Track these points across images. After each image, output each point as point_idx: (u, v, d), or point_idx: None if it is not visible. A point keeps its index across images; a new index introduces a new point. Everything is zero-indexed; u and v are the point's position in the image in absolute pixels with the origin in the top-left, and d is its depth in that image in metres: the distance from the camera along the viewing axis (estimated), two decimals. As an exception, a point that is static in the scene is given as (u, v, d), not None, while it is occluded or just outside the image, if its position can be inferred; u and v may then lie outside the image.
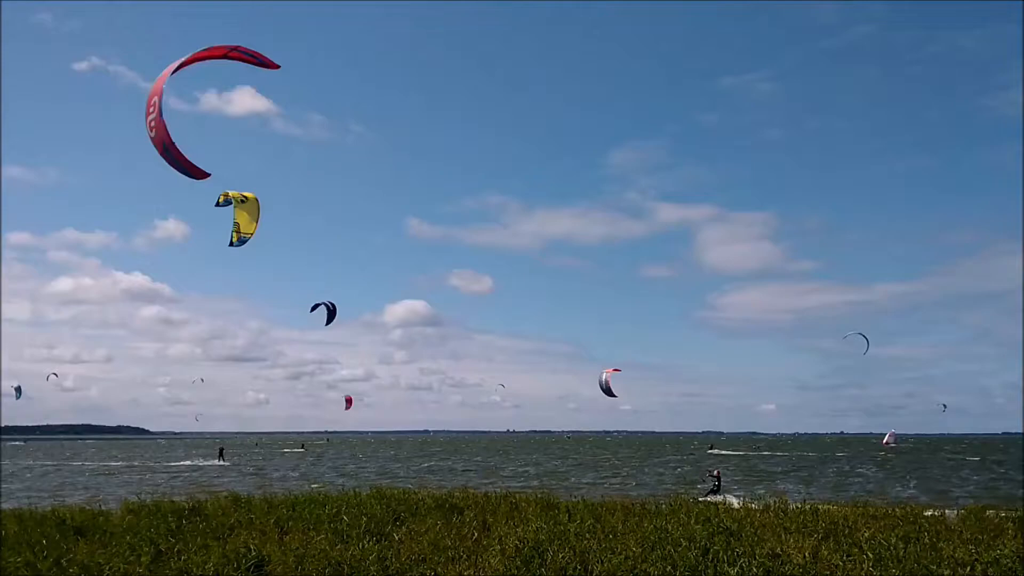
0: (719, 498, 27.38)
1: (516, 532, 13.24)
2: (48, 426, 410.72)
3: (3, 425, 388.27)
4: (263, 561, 11.60)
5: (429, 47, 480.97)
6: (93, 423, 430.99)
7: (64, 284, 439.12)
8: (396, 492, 19.33)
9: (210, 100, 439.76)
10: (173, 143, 15.34)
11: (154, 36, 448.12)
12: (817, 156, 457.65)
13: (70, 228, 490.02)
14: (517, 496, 18.83)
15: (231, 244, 22.76)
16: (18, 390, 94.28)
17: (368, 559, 11.70)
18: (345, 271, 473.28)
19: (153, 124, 15.36)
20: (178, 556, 12.14)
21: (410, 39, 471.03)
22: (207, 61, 16.72)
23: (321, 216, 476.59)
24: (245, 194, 23.02)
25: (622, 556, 11.41)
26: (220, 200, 22.96)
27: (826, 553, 11.65)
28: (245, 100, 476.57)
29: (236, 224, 22.76)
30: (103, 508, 17.39)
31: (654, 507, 16.85)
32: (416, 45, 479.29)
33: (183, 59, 16.29)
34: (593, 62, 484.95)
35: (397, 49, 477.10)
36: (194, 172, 15.79)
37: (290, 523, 14.91)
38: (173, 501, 18.09)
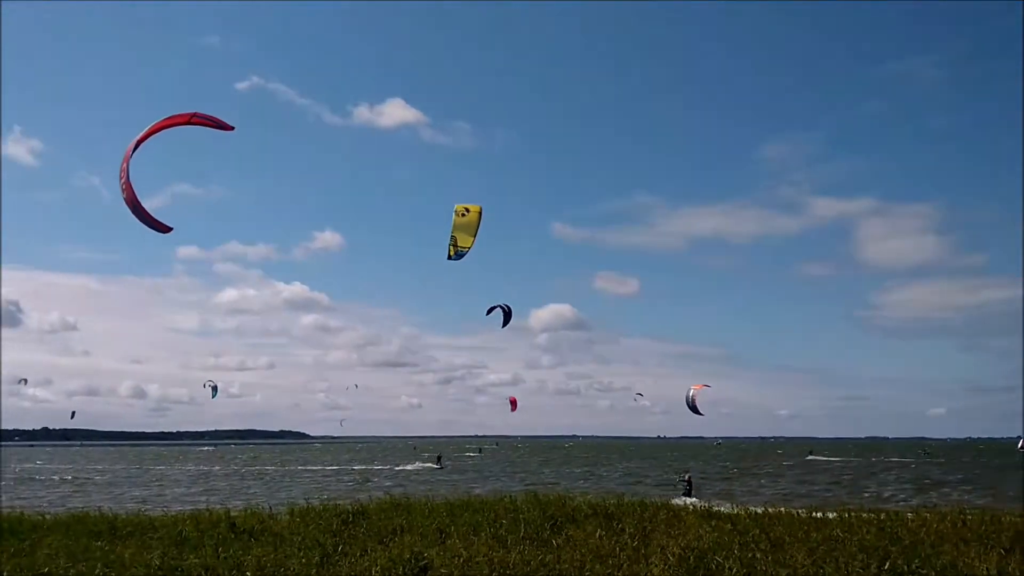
0: (691, 500, 27.77)
1: (678, 541, 12.95)
2: (217, 431, 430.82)
3: (179, 430, 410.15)
4: (427, 565, 11.70)
5: (570, 49, 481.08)
6: (257, 428, 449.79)
7: (229, 295, 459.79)
8: (552, 498, 19.26)
9: (362, 113, 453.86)
10: (139, 203, 17.70)
11: (312, 55, 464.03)
12: (987, 144, 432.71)
13: (234, 241, 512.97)
14: (676, 504, 18.48)
15: (448, 258, 22.70)
16: (215, 389, 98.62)
17: (530, 565, 11.65)
18: (491, 277, 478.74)
19: (123, 186, 17.50)
20: (344, 558, 12.39)
21: (552, 43, 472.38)
22: (167, 129, 18.75)
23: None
24: (469, 207, 22.90)
25: (792, 568, 10.99)
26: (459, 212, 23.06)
27: (1013, 568, 10.92)
28: (396, 112, 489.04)
29: (453, 238, 22.69)
30: (272, 512, 17.94)
31: (822, 516, 16.23)
32: (558, 49, 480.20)
33: (147, 130, 18.47)
34: (740, 51, 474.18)
35: (540, 54, 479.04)
36: (159, 227, 18.08)
37: (451, 527, 15.04)
38: (337, 504, 18.52)
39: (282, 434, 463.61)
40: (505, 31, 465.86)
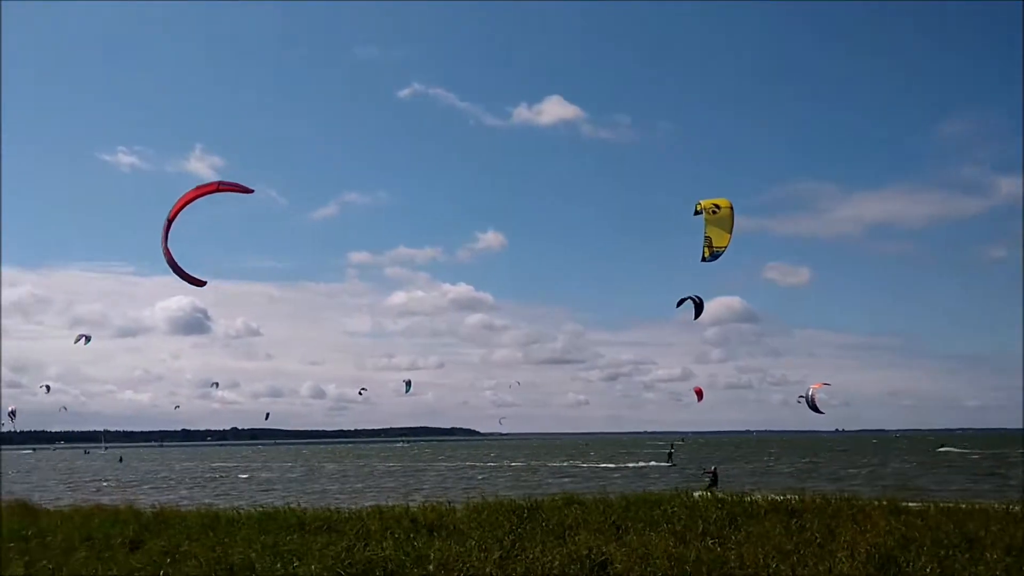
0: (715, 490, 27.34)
1: (865, 537, 12.50)
2: (391, 428, 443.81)
3: (357, 428, 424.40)
4: (606, 561, 11.69)
5: (730, 34, 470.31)
6: (429, 425, 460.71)
7: (399, 298, 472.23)
8: (730, 494, 18.90)
9: (521, 113, 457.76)
10: (177, 265, 21.35)
11: (469, 59, 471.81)
12: None
13: (402, 246, 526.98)
14: (861, 500, 17.80)
15: (703, 259, 21.24)
16: (408, 384, 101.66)
17: (710, 561, 11.48)
18: (654, 271, 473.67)
19: (164, 252, 21.33)
20: (522, 554, 12.51)
21: (709, 29, 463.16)
22: (198, 198, 22.18)
23: (630, 217, 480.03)
24: (717, 202, 21.55)
25: (990, 566, 10.43)
26: (697, 209, 21.72)
27: None
28: (554, 109, 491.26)
29: (707, 238, 21.23)
30: (451, 505, 18.30)
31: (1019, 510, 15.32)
32: (716, 35, 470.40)
33: (179, 202, 21.79)
34: (913, 23, 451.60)
35: (697, 42, 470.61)
36: (194, 281, 21.78)
37: (627, 523, 14.97)
38: (513, 500, 18.72)
39: (453, 431, 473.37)
40: (659, 21, 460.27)
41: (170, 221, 21.54)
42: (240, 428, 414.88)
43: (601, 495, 19.32)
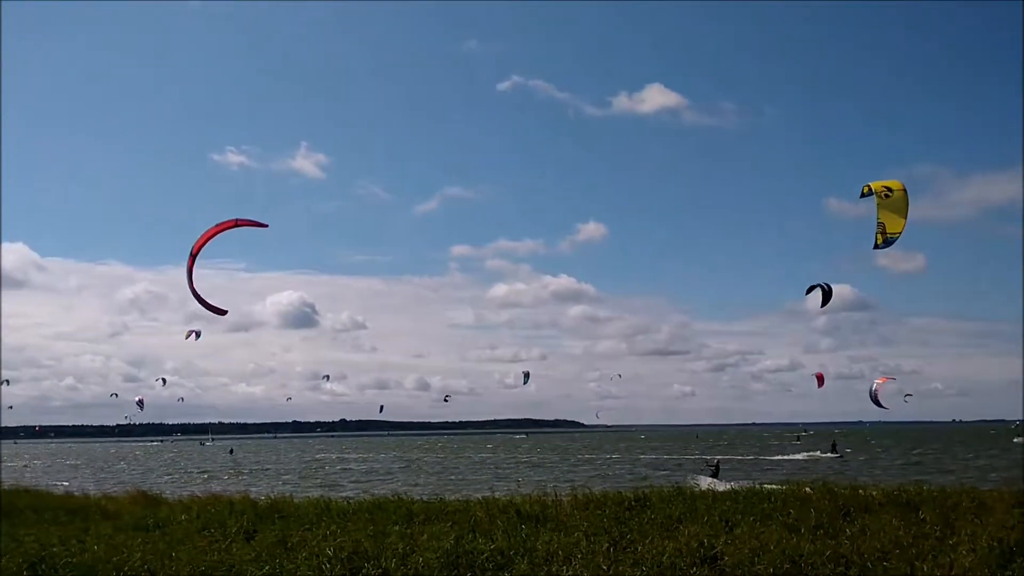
0: (716, 482, 29.77)
1: (986, 531, 12.03)
2: (496, 420, 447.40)
3: (462, 420, 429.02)
4: (716, 554, 11.52)
5: (836, 14, 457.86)
6: (533, 417, 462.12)
7: (500, 290, 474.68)
8: (841, 487, 18.43)
9: (622, 102, 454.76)
10: (202, 298, 23.96)
11: (569, 49, 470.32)
12: None
13: (502, 238, 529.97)
14: (981, 492, 17.15)
15: (876, 246, 20.28)
16: (526, 375, 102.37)
17: (824, 554, 11.21)
18: (760, 258, 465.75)
19: (190, 286, 23.85)
20: (631, 546, 12.42)
21: (815, 11, 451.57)
22: (219, 234, 24.09)
23: (734, 206, 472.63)
24: (889, 184, 20.27)
25: None
26: (864, 191, 20.56)
27: None
28: (655, 97, 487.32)
29: (880, 224, 20.10)
30: (557, 498, 18.28)
31: None
32: (822, 16, 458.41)
33: (201, 238, 23.82)
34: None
35: (802, 24, 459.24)
36: (215, 310, 24.50)
37: (737, 516, 14.73)
38: (619, 492, 18.60)
39: (557, 423, 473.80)
40: (762, 3, 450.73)
41: (194, 256, 24.03)
42: (348, 420, 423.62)
43: (710, 489, 19.08)
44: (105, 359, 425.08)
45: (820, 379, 72.20)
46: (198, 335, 77.42)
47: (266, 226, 24.98)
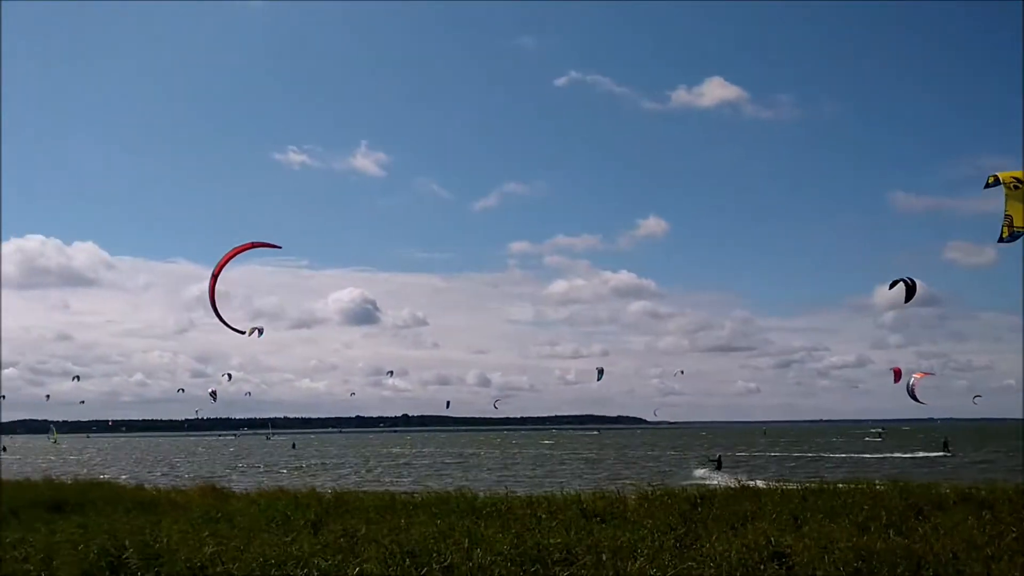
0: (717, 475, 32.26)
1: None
2: (557, 416, 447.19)
3: (523, 416, 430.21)
4: (785, 552, 11.34)
5: (899, 3, 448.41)
6: (595, 413, 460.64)
7: (559, 286, 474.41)
8: (914, 484, 18.09)
9: (681, 96, 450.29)
10: (224, 319, 26.86)
11: (626, 43, 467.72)
12: None
13: (560, 235, 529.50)
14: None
15: (1000, 239, 18.84)
16: (600, 371, 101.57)
17: (896, 553, 10.97)
18: (824, 253, 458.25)
19: (210, 300, 26.51)
20: (696, 543, 12.30)
21: (873, 3, 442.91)
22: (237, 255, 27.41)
23: (797, 199, 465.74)
24: (1018, 175, 18.79)
25: None
26: (990, 181, 19.17)
27: None
28: (715, 91, 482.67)
29: (1008, 216, 18.64)
30: (620, 495, 18.21)
31: None
32: (884, 5, 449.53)
33: (221, 260, 26.78)
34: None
35: (863, 12, 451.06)
36: (236, 330, 27.81)
37: (805, 513, 14.52)
38: (684, 489, 18.49)
39: (619, 419, 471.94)
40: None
41: (215, 276, 26.50)
42: (411, 415, 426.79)
43: (777, 485, 18.86)
44: (172, 355, 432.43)
45: (897, 374, 69.79)
46: (260, 332, 78.62)
47: (279, 247, 29.22)
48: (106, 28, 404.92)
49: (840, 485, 18.87)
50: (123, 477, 49.72)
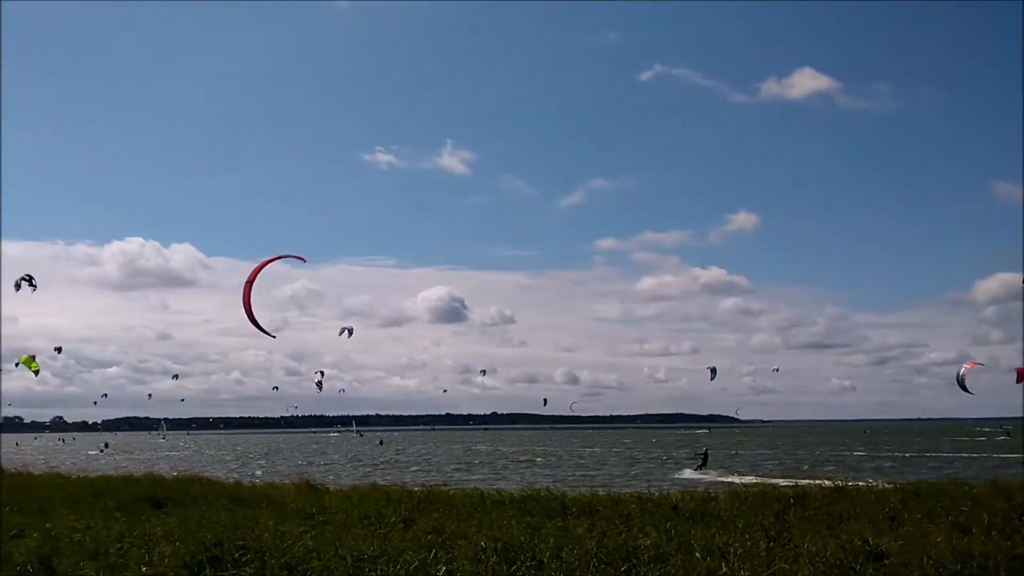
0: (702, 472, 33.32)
1: None
2: (647, 415, 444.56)
3: (612, 414, 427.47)
4: (882, 553, 11.09)
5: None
6: (685, 412, 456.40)
7: (647, 283, 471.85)
8: (1016, 483, 17.49)
9: (771, 88, 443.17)
10: (257, 322, 28.94)
11: (713, 36, 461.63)
12: None
13: (649, 231, 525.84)
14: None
15: None
16: (713, 371, 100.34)
17: (997, 556, 10.65)
18: (920, 248, 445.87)
19: (245, 306, 28.65)
20: (790, 543, 12.11)
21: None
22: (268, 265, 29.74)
23: (892, 192, 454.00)
24: None
25: None
26: None
27: None
28: (806, 82, 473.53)
29: None
30: (712, 494, 18.04)
31: None
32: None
33: (255, 270, 28.98)
34: None
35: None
36: (268, 333, 30.21)
37: (903, 513, 14.18)
38: (777, 488, 18.21)
39: (710, 418, 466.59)
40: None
41: (250, 283, 28.33)
42: (500, 413, 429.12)
43: (872, 484, 18.44)
44: (267, 354, 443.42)
45: (1021, 374, 67.04)
46: (350, 332, 79.93)
47: (304, 260, 33.28)
48: (199, 30, 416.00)
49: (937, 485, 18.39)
50: (221, 473, 51.04)
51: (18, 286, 44.89)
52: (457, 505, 18.27)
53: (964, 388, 56.18)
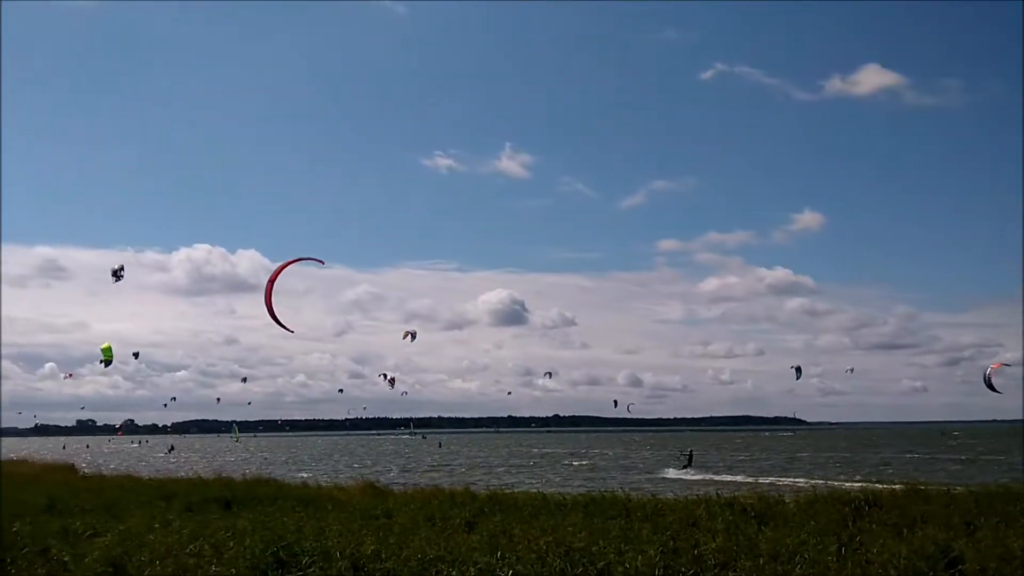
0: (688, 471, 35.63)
1: None
2: (711, 417, 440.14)
3: (675, 417, 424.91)
4: (957, 558, 10.80)
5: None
6: (751, 414, 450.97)
7: (711, 284, 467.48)
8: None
9: (835, 85, 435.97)
10: (278, 319, 30.92)
11: (775, 33, 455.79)
12: None
13: (712, 231, 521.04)
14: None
15: None
16: (798, 370, 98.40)
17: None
18: (995, 246, 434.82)
19: (267, 304, 30.45)
20: (861, 547, 11.86)
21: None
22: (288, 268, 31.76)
23: (963, 189, 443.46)
24: None
25: None
26: None
27: None
28: (872, 78, 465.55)
29: None
30: (779, 496, 17.78)
31: None
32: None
33: (275, 271, 31.25)
34: None
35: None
36: (287, 328, 32.03)
37: (979, 518, 13.81)
38: (847, 491, 17.88)
39: (776, 420, 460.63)
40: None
41: (271, 282, 30.44)
42: (562, 415, 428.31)
43: (946, 488, 18.00)
44: (332, 357, 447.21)
45: None
46: (413, 336, 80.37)
47: (323, 263, 34.76)
48: (258, 35, 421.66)
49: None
50: (287, 474, 51.66)
51: (118, 276, 46.15)
52: (520, 508, 18.24)
53: (991, 387, 55.36)
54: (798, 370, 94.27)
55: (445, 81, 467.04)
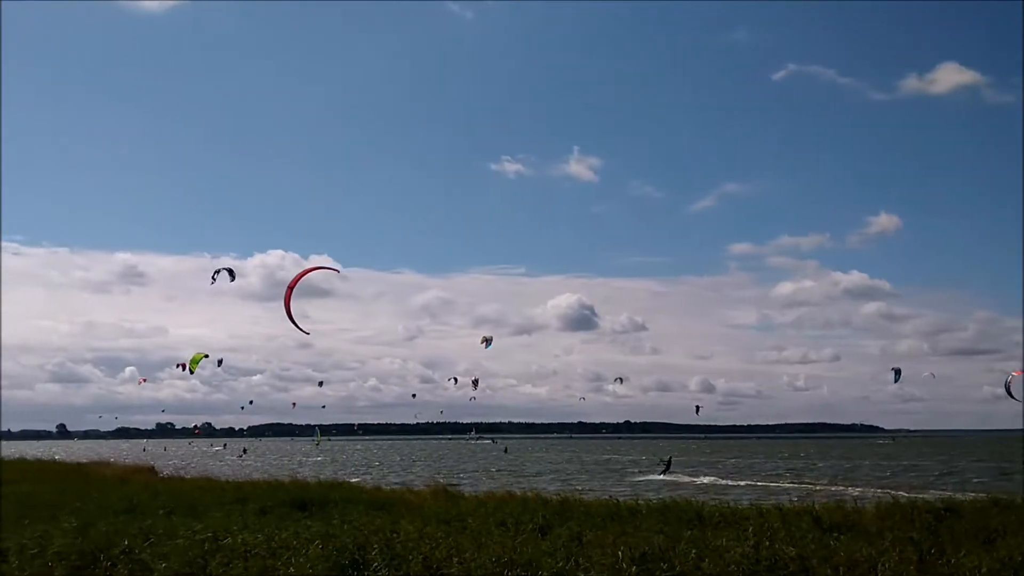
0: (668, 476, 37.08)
1: None
2: (786, 424, 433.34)
3: (750, 424, 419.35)
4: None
5: None
6: (827, 421, 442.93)
7: (785, 288, 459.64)
8: None
9: (911, 84, 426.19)
10: (295, 322, 33.18)
11: (849, 32, 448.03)
12: None
13: (785, 234, 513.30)
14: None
15: None
16: (897, 372, 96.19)
17: None
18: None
19: (286, 307, 32.95)
20: (942, 558, 11.60)
21: None
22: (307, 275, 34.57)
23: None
24: None
25: None
26: None
27: None
28: (950, 76, 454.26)
29: None
30: (858, 506, 17.47)
31: None
32: None
33: (294, 278, 33.68)
34: None
35: None
36: (302, 330, 34.82)
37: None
38: (928, 501, 17.51)
39: (852, 427, 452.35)
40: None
41: (291, 288, 32.73)
42: (632, 421, 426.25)
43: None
44: (402, 362, 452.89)
45: None
46: (489, 342, 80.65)
47: (338, 271, 36.22)
48: (326, 41, 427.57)
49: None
50: (359, 478, 52.21)
51: (232, 275, 47.57)
52: (593, 513, 18.21)
53: (1011, 395, 53.80)
54: (897, 372, 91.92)
55: (512, 85, 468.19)
